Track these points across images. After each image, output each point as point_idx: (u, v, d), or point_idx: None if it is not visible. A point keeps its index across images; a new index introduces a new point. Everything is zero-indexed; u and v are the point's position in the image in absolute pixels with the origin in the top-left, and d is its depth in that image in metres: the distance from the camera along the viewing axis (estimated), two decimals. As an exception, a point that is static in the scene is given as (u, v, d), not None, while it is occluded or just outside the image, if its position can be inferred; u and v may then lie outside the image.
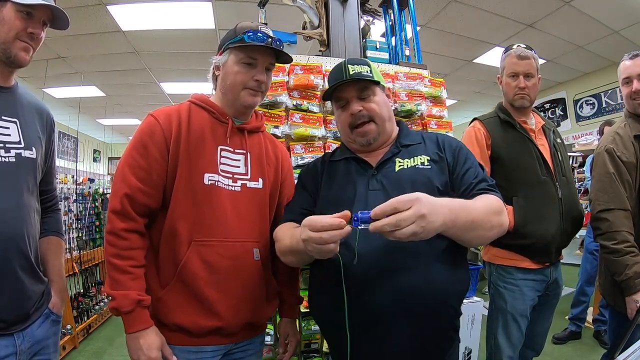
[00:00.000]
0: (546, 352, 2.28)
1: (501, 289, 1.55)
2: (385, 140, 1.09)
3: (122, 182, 0.98)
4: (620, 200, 1.42)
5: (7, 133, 0.95)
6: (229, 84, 1.07)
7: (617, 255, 1.38)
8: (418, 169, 1.00)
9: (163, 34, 4.35)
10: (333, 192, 1.04)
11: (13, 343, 0.93)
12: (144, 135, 1.01)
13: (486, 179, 1.01)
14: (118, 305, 0.91)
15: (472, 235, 0.89)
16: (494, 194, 0.97)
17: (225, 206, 1.03)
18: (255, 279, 1.07)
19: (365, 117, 1.04)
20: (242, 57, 1.05)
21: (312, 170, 1.15)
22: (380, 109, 1.05)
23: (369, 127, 1.04)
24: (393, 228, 0.72)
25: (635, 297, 1.35)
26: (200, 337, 1.00)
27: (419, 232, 0.73)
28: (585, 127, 6.29)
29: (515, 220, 1.48)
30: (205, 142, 1.05)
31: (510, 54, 1.62)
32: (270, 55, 1.08)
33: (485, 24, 4.35)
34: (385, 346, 0.90)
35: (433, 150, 1.04)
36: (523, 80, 1.58)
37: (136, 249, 0.97)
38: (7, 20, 0.92)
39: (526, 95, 1.59)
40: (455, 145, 1.06)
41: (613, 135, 1.53)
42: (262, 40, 1.03)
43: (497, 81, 1.71)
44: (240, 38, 1.04)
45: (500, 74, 1.69)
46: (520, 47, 1.60)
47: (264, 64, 1.07)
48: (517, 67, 1.59)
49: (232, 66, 1.06)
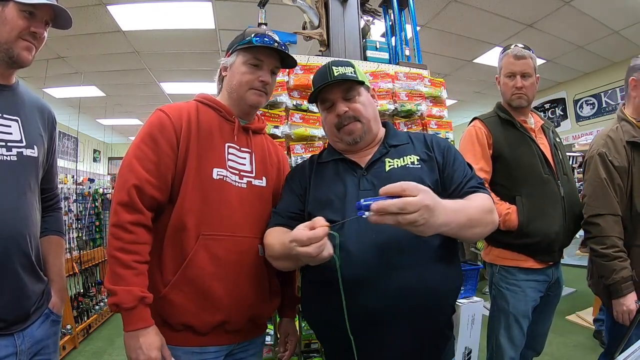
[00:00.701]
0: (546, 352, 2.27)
1: (504, 290, 1.55)
2: (371, 140, 1.10)
3: (130, 173, 0.96)
4: (611, 206, 1.45)
5: (8, 131, 0.95)
6: (235, 83, 1.10)
7: (606, 259, 1.42)
8: (408, 168, 1.00)
9: (163, 34, 4.35)
10: (323, 192, 1.04)
11: (13, 343, 0.93)
12: (153, 128, 1.01)
13: (474, 177, 1.03)
14: (119, 301, 0.88)
15: (469, 233, 0.90)
16: (483, 192, 0.99)
17: (233, 201, 1.04)
18: (260, 275, 1.08)
19: (351, 118, 1.05)
20: (249, 58, 1.09)
21: (300, 172, 1.14)
22: (366, 109, 1.06)
23: (354, 126, 1.05)
24: (398, 210, 0.71)
25: (622, 301, 1.38)
26: (204, 336, 0.99)
27: (420, 223, 0.72)
28: (585, 127, 6.30)
29: (519, 219, 1.49)
30: (214, 138, 1.06)
31: (507, 54, 1.62)
32: (276, 58, 1.11)
33: (485, 24, 4.35)
34: (384, 347, 0.90)
35: (422, 149, 1.05)
36: (520, 80, 1.58)
37: (142, 244, 0.94)
38: (9, 19, 0.92)
39: (523, 94, 1.59)
40: (444, 145, 1.07)
41: (605, 139, 1.53)
42: (269, 43, 1.07)
43: (496, 81, 1.72)
44: (248, 40, 1.07)
45: (498, 74, 1.70)
46: (518, 47, 1.60)
47: (270, 66, 1.10)
48: (514, 66, 1.59)
49: (239, 67, 1.09)
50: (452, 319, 1.01)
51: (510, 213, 1.50)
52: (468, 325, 1.81)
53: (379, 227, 0.88)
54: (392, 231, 0.88)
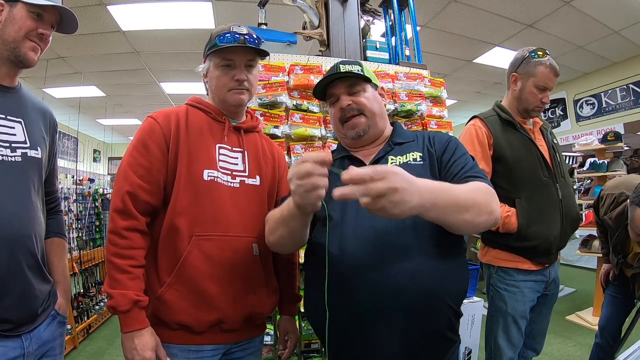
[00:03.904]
0: (546, 352, 2.28)
1: (501, 290, 1.54)
2: (376, 136, 1.09)
3: (124, 181, 0.99)
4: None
5: (12, 133, 0.96)
6: (214, 88, 1.11)
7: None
8: (410, 165, 0.99)
9: (163, 34, 4.35)
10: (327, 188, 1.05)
11: (21, 345, 0.93)
12: (144, 134, 1.04)
13: (475, 167, 0.98)
14: (115, 304, 0.92)
15: (457, 218, 0.80)
16: (483, 181, 0.92)
17: (225, 201, 1.05)
18: (255, 274, 1.09)
19: (355, 110, 1.05)
20: (219, 61, 1.09)
21: None
22: (371, 103, 1.06)
23: (358, 119, 1.05)
24: (361, 196, 0.66)
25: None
26: (200, 334, 1.00)
27: (388, 207, 0.66)
28: (585, 127, 6.29)
29: (519, 222, 1.48)
30: (204, 140, 1.07)
31: (545, 64, 1.55)
32: (247, 52, 1.09)
33: (485, 24, 4.35)
34: (369, 347, 0.89)
35: (425, 146, 1.04)
36: (547, 96, 1.57)
37: (136, 249, 0.98)
38: (17, 19, 0.94)
39: (543, 108, 1.59)
40: (447, 139, 1.05)
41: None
42: (235, 40, 1.06)
43: (510, 79, 1.64)
44: (214, 43, 1.07)
45: (520, 73, 1.60)
46: (551, 58, 1.56)
47: (242, 62, 1.09)
48: (550, 82, 1.56)
49: (213, 71, 1.11)
50: (455, 322, 0.95)
51: (510, 216, 1.49)
52: (468, 325, 1.81)
53: (377, 224, 0.88)
54: (390, 227, 0.87)
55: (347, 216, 0.94)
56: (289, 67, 1.68)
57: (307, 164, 0.75)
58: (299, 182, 0.76)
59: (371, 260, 0.87)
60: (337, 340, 0.95)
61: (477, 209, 0.83)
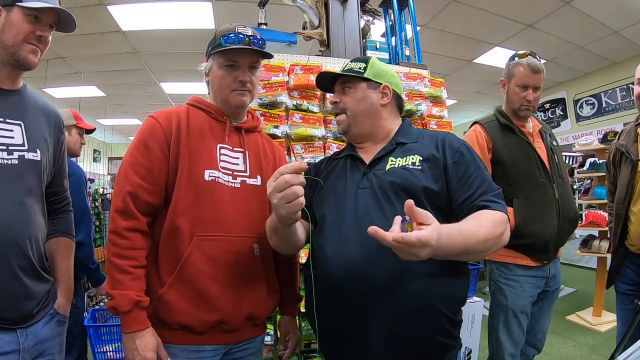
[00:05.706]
0: (546, 352, 2.28)
1: (502, 285, 1.59)
2: (368, 135, 1.10)
3: (125, 181, 0.99)
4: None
5: (10, 135, 0.96)
6: (217, 88, 1.11)
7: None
8: (407, 169, 0.98)
9: (163, 34, 4.36)
10: (327, 188, 1.07)
11: (16, 340, 0.93)
12: (144, 134, 1.04)
13: (491, 186, 0.95)
14: (116, 304, 0.92)
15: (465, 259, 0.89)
16: (497, 209, 0.90)
17: (226, 202, 1.04)
18: (256, 274, 1.08)
19: (339, 108, 1.11)
20: (223, 61, 1.08)
21: (314, 169, 1.18)
22: (354, 103, 1.08)
23: (340, 117, 1.11)
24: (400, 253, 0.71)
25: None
26: (201, 335, 1.00)
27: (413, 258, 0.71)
28: (585, 127, 6.30)
29: (515, 221, 1.52)
30: (205, 140, 1.07)
31: (522, 64, 1.60)
32: (251, 54, 1.09)
33: (485, 24, 4.35)
34: (358, 348, 0.90)
35: (429, 149, 1.00)
36: (532, 94, 1.60)
37: (137, 249, 0.97)
38: (15, 23, 0.94)
39: (531, 107, 1.62)
40: (458, 146, 1.00)
41: None
42: (240, 41, 1.05)
43: (500, 83, 1.72)
44: (218, 43, 1.06)
45: (504, 77, 1.69)
46: (533, 58, 1.59)
47: (246, 63, 1.09)
48: (529, 80, 1.59)
49: (216, 71, 1.10)
50: (450, 328, 0.93)
51: None
52: (468, 326, 1.82)
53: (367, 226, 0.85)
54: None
55: (339, 219, 0.96)
56: (289, 67, 1.68)
57: (285, 175, 0.80)
58: (279, 194, 0.80)
59: (360, 262, 0.88)
60: (327, 340, 0.98)
61: (487, 250, 0.87)
